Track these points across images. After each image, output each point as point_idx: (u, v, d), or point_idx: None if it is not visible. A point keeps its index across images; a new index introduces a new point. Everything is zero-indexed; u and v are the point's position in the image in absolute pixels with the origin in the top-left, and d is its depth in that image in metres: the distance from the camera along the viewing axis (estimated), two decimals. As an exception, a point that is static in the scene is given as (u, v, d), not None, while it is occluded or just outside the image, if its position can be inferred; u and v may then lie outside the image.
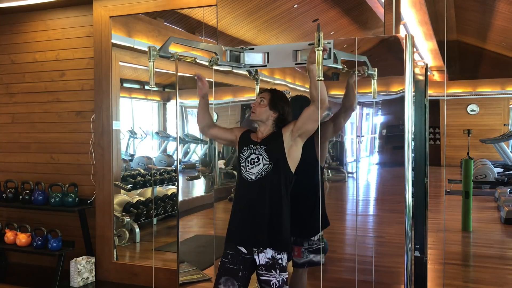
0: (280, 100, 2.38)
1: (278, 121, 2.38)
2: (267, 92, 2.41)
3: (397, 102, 2.62)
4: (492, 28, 8.74)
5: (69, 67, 4.32)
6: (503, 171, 9.17)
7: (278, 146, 2.32)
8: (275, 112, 2.37)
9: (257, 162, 2.32)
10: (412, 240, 2.75)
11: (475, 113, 12.29)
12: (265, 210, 2.29)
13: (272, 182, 2.30)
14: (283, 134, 2.34)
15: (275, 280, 2.27)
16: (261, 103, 2.38)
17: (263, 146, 2.34)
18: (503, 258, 4.83)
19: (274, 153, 2.32)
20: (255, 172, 2.32)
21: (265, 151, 2.33)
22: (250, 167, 2.34)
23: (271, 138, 2.37)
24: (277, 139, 2.34)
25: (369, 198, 2.97)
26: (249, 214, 2.32)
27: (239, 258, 2.32)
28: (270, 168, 2.30)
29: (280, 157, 2.31)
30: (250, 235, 2.31)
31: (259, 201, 2.30)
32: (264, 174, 2.30)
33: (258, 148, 2.35)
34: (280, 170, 2.30)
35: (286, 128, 2.35)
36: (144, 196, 5.11)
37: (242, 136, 2.47)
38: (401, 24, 4.13)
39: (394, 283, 2.87)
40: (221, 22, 3.68)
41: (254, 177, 2.32)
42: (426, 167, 3.08)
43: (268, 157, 2.31)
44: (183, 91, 3.33)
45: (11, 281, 4.20)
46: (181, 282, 3.22)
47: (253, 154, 2.35)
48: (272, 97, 2.38)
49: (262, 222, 2.28)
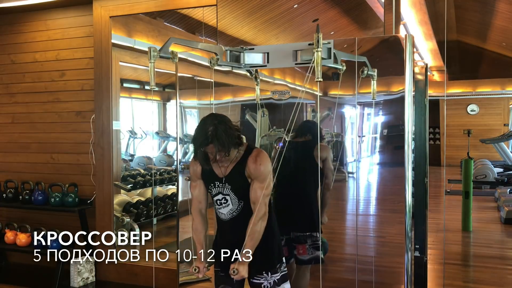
0: (226, 137, 2.04)
1: (237, 145, 2.12)
2: (211, 145, 2.03)
3: (397, 102, 2.63)
4: (492, 28, 8.74)
5: (69, 67, 4.32)
6: (503, 171, 9.16)
7: (244, 182, 2.14)
8: (232, 147, 2.09)
9: (225, 203, 2.18)
10: (412, 240, 2.75)
11: (475, 113, 12.28)
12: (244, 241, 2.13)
13: (246, 217, 2.14)
14: (247, 164, 2.12)
15: (267, 282, 2.22)
16: (223, 155, 2.07)
17: (228, 186, 2.16)
18: (503, 258, 4.83)
19: (241, 192, 2.15)
20: (226, 213, 2.20)
21: (232, 191, 2.16)
22: (219, 207, 2.20)
23: (234, 173, 2.15)
24: (241, 173, 2.14)
25: (369, 198, 2.97)
26: (235, 247, 2.16)
27: (229, 265, 2.27)
28: (241, 207, 2.17)
29: (248, 192, 2.14)
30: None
31: (237, 236, 2.15)
32: (236, 214, 2.18)
33: (224, 187, 2.17)
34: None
35: (250, 165, 2.12)
36: (144, 196, 5.10)
37: (203, 173, 2.23)
38: (401, 24, 4.13)
39: (394, 283, 2.87)
40: (221, 22, 3.68)
41: (226, 217, 2.21)
42: (426, 167, 3.07)
43: (236, 197, 2.16)
44: (183, 91, 3.33)
45: (11, 281, 4.20)
46: (181, 282, 3.22)
47: (220, 195, 2.18)
48: (222, 144, 2.03)
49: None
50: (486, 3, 7.50)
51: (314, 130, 2.70)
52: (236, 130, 2.11)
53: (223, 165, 2.16)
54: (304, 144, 2.75)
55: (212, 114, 2.22)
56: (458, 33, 9.18)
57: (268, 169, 2.14)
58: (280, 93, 3.04)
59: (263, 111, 3.13)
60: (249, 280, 2.28)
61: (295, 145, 2.79)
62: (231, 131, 2.07)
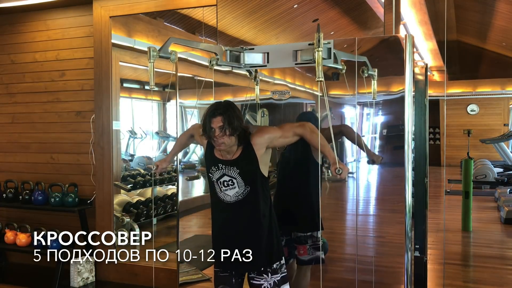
0: (235, 118, 2.13)
1: (241, 136, 2.18)
2: (220, 116, 2.12)
3: (397, 102, 2.63)
4: (492, 28, 8.75)
5: (69, 67, 4.32)
6: (503, 171, 9.17)
7: (252, 166, 2.19)
8: (237, 133, 2.15)
9: (231, 185, 2.19)
10: (412, 240, 2.75)
11: (475, 113, 12.28)
12: (247, 231, 2.21)
13: (251, 202, 2.19)
14: (254, 146, 2.19)
15: (267, 283, 2.23)
16: (225, 132, 2.11)
17: (236, 169, 2.18)
18: (503, 258, 4.83)
19: (249, 176, 2.18)
20: (231, 195, 2.20)
21: (239, 175, 2.18)
22: (225, 189, 2.21)
23: (243, 157, 2.19)
24: (249, 157, 2.19)
25: (369, 198, 2.97)
26: (234, 241, 2.22)
27: (230, 266, 2.27)
28: (247, 191, 2.19)
29: (255, 177, 2.19)
30: (237, 264, 2.21)
31: (239, 222, 2.21)
32: (241, 198, 2.19)
33: (230, 170, 2.19)
34: (258, 189, 2.20)
35: (257, 139, 2.20)
36: (144, 196, 5.10)
37: (208, 150, 2.29)
38: (401, 24, 4.14)
39: (394, 283, 2.87)
40: (221, 22, 3.68)
41: (231, 200, 2.21)
42: (426, 167, 3.08)
43: (243, 181, 2.18)
44: (183, 91, 3.33)
45: (11, 281, 4.20)
46: (181, 282, 3.22)
47: (226, 176, 2.20)
48: (229, 121, 2.11)
49: (246, 245, 2.20)
50: (486, 3, 7.50)
51: (313, 121, 2.67)
52: (243, 126, 2.19)
53: (228, 152, 2.19)
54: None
55: (227, 100, 2.31)
56: (458, 33, 9.19)
57: (274, 126, 2.33)
58: (280, 93, 3.04)
59: (263, 111, 3.13)
60: (249, 281, 2.28)
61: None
62: (240, 117, 2.17)
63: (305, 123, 2.30)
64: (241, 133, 2.16)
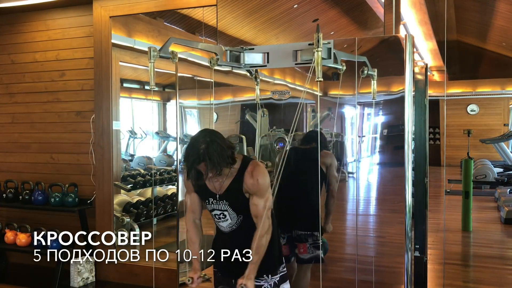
0: (215, 154, 1.97)
1: (229, 164, 2.05)
2: (201, 163, 1.99)
3: (397, 102, 2.63)
4: (492, 28, 8.75)
5: (69, 67, 4.32)
6: (503, 171, 9.16)
7: (242, 198, 2.10)
8: (225, 165, 2.03)
9: (223, 218, 2.16)
10: (412, 240, 2.75)
11: (475, 113, 12.28)
12: (246, 252, 2.13)
13: (246, 229, 2.12)
14: (244, 180, 2.07)
15: (267, 284, 2.22)
16: (215, 173, 2.02)
17: (225, 202, 2.12)
18: (503, 258, 4.83)
19: (240, 206, 2.11)
20: (225, 226, 2.18)
21: (230, 207, 2.12)
22: (218, 221, 2.18)
23: (231, 188, 2.10)
24: (238, 188, 2.09)
25: (369, 198, 2.97)
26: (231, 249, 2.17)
27: (229, 267, 2.26)
28: (241, 220, 2.14)
29: (246, 206, 2.10)
30: (236, 274, 2.15)
31: (237, 246, 2.14)
32: (235, 227, 2.16)
33: (220, 204, 2.14)
34: (251, 215, 2.13)
35: (249, 180, 2.06)
36: (144, 196, 5.10)
37: (197, 188, 2.20)
38: (401, 24, 4.14)
39: (394, 283, 2.87)
40: (221, 22, 3.68)
41: (225, 230, 2.19)
42: (426, 167, 3.07)
43: (234, 212, 2.13)
44: (183, 91, 3.33)
45: (11, 281, 4.20)
46: (181, 282, 3.22)
47: (217, 210, 2.16)
48: (210, 162, 1.98)
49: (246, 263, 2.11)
50: (486, 3, 7.51)
51: (318, 140, 2.72)
52: (229, 148, 2.04)
53: (217, 180, 2.10)
54: (309, 150, 2.78)
55: (204, 130, 2.13)
56: (458, 33, 9.19)
57: (266, 182, 2.09)
58: (280, 93, 3.04)
59: (263, 111, 3.13)
60: None
61: (301, 151, 2.85)
62: (224, 151, 2.00)
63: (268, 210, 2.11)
64: (229, 162, 2.03)
